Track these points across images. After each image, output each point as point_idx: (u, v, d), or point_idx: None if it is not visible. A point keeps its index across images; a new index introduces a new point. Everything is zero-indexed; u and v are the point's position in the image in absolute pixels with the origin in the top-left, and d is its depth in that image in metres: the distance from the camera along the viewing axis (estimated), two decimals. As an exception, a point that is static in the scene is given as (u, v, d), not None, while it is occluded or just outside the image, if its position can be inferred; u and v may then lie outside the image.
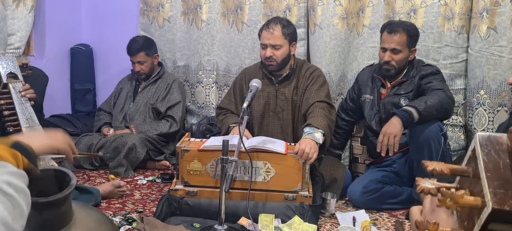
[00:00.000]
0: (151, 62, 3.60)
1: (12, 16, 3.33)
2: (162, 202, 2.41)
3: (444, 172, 0.66)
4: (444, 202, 0.62)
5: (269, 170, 2.41)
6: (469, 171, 0.67)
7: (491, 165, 0.62)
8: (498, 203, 0.58)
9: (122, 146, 3.20)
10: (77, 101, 4.10)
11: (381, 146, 2.51)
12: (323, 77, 2.86)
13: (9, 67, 2.56)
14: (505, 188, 0.59)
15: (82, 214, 1.29)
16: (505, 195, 0.58)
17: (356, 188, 2.76)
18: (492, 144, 0.64)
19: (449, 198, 0.62)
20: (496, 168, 0.61)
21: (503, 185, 0.59)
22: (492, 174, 0.61)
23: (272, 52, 2.73)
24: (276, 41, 2.72)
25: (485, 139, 0.65)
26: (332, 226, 2.49)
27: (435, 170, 0.66)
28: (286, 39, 2.74)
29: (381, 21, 3.23)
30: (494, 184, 0.59)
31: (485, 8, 3.02)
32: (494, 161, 0.62)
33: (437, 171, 0.66)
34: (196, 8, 3.71)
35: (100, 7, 4.09)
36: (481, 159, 0.63)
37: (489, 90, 3.08)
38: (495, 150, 0.63)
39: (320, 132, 2.50)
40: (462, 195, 0.62)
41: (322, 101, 2.70)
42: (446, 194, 0.62)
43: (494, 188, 0.59)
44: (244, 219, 2.29)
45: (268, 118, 2.87)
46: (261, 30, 2.80)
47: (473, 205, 0.61)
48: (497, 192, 0.59)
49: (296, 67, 2.84)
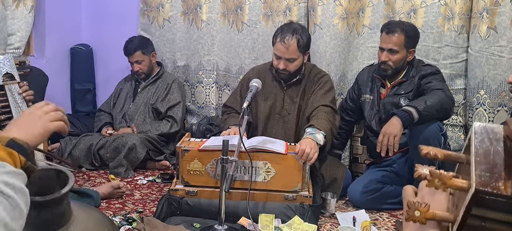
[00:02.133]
0: (148, 60, 3.60)
1: (12, 16, 3.33)
2: (162, 202, 2.41)
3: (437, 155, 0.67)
4: (432, 182, 0.64)
5: (269, 170, 2.41)
6: (463, 158, 0.68)
7: (482, 151, 0.63)
8: (481, 184, 0.58)
9: (122, 146, 3.20)
10: (77, 101, 4.10)
11: (381, 146, 2.51)
12: (331, 83, 2.84)
13: (5, 68, 2.44)
14: (491, 171, 0.60)
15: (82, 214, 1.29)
16: (490, 178, 0.59)
17: (356, 188, 2.76)
18: (487, 132, 0.65)
19: (437, 178, 0.63)
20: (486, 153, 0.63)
21: (489, 169, 0.60)
22: (481, 159, 0.62)
23: (285, 65, 2.69)
24: (291, 55, 2.66)
25: (481, 128, 0.66)
26: (332, 226, 2.49)
27: (429, 153, 0.67)
28: (301, 51, 2.68)
29: (381, 21, 3.23)
30: (481, 168, 0.61)
31: (485, 8, 3.02)
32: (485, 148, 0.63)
33: (431, 155, 0.67)
34: (196, 8, 3.71)
35: (100, 7, 4.09)
36: (473, 145, 0.64)
37: (489, 90, 3.08)
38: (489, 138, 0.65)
39: (321, 134, 2.49)
40: (451, 176, 0.63)
41: (326, 106, 2.68)
42: (434, 175, 0.63)
43: (480, 171, 0.60)
44: (244, 219, 2.29)
45: (273, 121, 2.85)
46: (275, 37, 2.71)
47: (460, 187, 0.62)
48: (482, 174, 0.60)
49: (305, 72, 2.83)
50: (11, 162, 0.89)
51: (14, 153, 0.91)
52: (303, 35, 2.69)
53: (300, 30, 2.69)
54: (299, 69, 2.76)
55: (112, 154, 3.22)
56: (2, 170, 0.86)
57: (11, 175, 0.87)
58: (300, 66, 2.75)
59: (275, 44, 2.70)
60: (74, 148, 3.29)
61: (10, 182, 0.85)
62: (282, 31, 2.69)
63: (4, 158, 0.89)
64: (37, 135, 1.01)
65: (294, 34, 2.65)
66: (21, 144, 0.94)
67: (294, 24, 2.77)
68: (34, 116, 1.05)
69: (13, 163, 0.90)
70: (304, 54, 2.74)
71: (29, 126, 1.02)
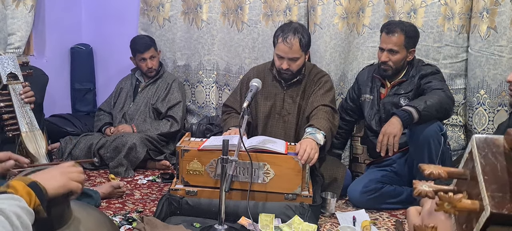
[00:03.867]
0: (158, 57, 3.65)
1: (12, 16, 3.33)
2: (162, 202, 2.40)
3: (441, 175, 0.65)
4: (442, 206, 0.62)
5: (268, 172, 2.40)
6: (467, 174, 0.67)
7: (489, 168, 0.61)
8: (496, 207, 0.57)
9: (122, 146, 3.20)
10: (77, 101, 4.10)
11: (380, 145, 2.51)
12: (331, 83, 2.84)
13: (10, 67, 2.45)
14: (503, 191, 0.59)
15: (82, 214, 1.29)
16: (503, 198, 0.58)
17: (356, 187, 2.76)
18: (489, 146, 0.64)
19: (447, 202, 0.62)
20: (494, 170, 0.61)
21: (500, 188, 0.59)
22: (490, 177, 0.60)
23: (289, 64, 2.69)
24: (293, 54, 2.66)
25: (482, 141, 0.64)
26: (332, 226, 2.49)
27: (432, 173, 0.66)
28: (303, 50, 2.69)
29: (381, 21, 3.23)
30: (492, 188, 0.59)
31: (485, 8, 3.02)
32: (491, 164, 0.62)
33: (435, 175, 0.66)
34: (196, 8, 3.71)
35: (100, 7, 4.09)
36: (478, 161, 0.62)
37: (489, 90, 3.08)
38: (492, 152, 0.63)
39: (321, 133, 2.49)
40: (460, 199, 0.61)
41: (326, 106, 2.68)
42: (444, 198, 0.62)
43: (492, 192, 0.59)
44: (244, 219, 2.29)
45: (273, 120, 2.85)
46: (277, 38, 2.71)
47: (471, 209, 0.61)
48: (495, 195, 0.58)
49: (305, 72, 2.83)
50: (27, 200, 1.01)
51: (32, 194, 1.03)
52: (304, 34, 2.70)
53: (301, 29, 2.70)
54: (301, 69, 2.76)
55: (112, 154, 3.22)
56: (18, 203, 0.97)
57: (23, 211, 0.97)
58: (302, 66, 2.75)
59: (277, 44, 2.70)
60: (74, 148, 3.29)
61: (21, 216, 0.96)
62: (283, 31, 2.69)
63: (22, 195, 1.00)
64: (57, 187, 1.12)
65: (296, 33, 2.65)
66: (41, 188, 1.06)
67: (294, 24, 2.77)
68: (60, 170, 1.17)
69: (29, 201, 1.01)
70: (305, 53, 2.74)
71: (52, 177, 1.13)
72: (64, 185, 1.14)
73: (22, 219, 0.95)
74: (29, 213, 0.99)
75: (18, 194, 1.00)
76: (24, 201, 0.99)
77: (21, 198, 0.99)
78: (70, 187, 1.16)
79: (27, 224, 0.96)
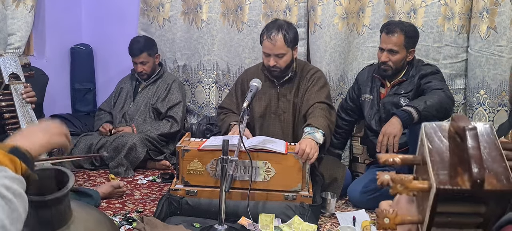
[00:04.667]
0: (153, 62, 3.62)
1: (12, 16, 3.32)
2: (162, 202, 2.41)
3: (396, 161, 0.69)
4: (395, 188, 0.66)
5: (269, 170, 2.41)
6: (419, 159, 0.71)
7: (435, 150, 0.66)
8: (441, 183, 0.61)
9: (122, 146, 3.20)
10: (77, 101, 4.10)
11: (380, 145, 2.51)
12: (324, 78, 2.86)
13: (11, 68, 2.45)
14: (447, 169, 0.63)
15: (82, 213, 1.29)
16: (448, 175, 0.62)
17: (356, 187, 2.76)
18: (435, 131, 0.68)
19: (399, 184, 0.66)
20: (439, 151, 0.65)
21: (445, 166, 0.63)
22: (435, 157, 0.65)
23: (275, 61, 2.71)
24: (279, 50, 2.68)
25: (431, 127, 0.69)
26: (332, 226, 2.49)
27: (387, 160, 0.69)
28: (289, 46, 2.70)
29: (381, 21, 3.23)
30: (438, 166, 0.63)
31: (485, 8, 3.02)
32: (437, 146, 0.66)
33: (390, 162, 0.70)
34: (196, 8, 3.71)
35: (100, 7, 4.09)
36: (426, 145, 0.67)
37: (489, 90, 3.08)
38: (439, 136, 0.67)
39: (320, 132, 2.50)
40: (411, 180, 0.65)
41: (322, 102, 2.69)
42: (396, 180, 0.66)
43: (437, 170, 0.63)
44: (244, 219, 2.29)
45: (269, 120, 2.86)
46: (262, 36, 2.74)
47: (421, 189, 0.64)
48: (440, 173, 0.62)
49: (297, 69, 2.84)
50: (12, 168, 0.92)
51: (16, 160, 0.94)
52: (289, 30, 2.71)
53: (286, 26, 2.72)
54: (290, 65, 2.77)
55: (112, 154, 3.22)
56: (3, 174, 0.89)
57: (12, 180, 0.89)
58: (290, 62, 2.76)
59: (263, 42, 2.74)
60: (74, 148, 3.29)
61: (11, 186, 0.87)
62: (268, 28, 2.73)
63: (6, 164, 0.92)
64: (40, 145, 1.04)
65: (280, 30, 2.68)
66: (23, 151, 0.97)
67: (279, 21, 2.80)
68: (39, 128, 1.09)
69: (14, 169, 0.93)
70: (293, 49, 2.75)
71: (33, 136, 1.05)
72: (48, 141, 1.07)
73: (12, 189, 0.87)
74: (18, 181, 0.91)
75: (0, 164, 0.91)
76: (10, 170, 0.91)
77: (5, 168, 0.91)
78: (54, 142, 1.09)
79: (19, 193, 0.89)
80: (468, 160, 0.60)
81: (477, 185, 0.59)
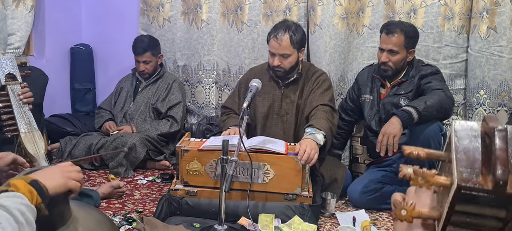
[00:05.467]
0: (155, 62, 3.63)
1: (12, 16, 3.32)
2: (162, 202, 2.40)
3: (420, 155, 0.69)
4: (416, 180, 0.65)
5: (268, 172, 2.40)
6: (445, 156, 0.69)
7: (462, 148, 0.64)
8: (463, 180, 0.60)
9: (122, 146, 3.20)
10: (77, 101, 4.10)
11: (380, 146, 2.51)
12: (329, 82, 2.85)
13: (8, 68, 2.44)
14: (471, 167, 0.62)
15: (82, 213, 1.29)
16: (471, 173, 0.61)
17: (356, 188, 2.76)
18: (465, 129, 0.67)
19: (421, 177, 0.65)
20: (466, 150, 0.64)
21: (470, 164, 0.62)
22: (461, 155, 0.63)
23: (280, 61, 2.70)
24: (284, 51, 2.68)
25: (461, 126, 0.68)
26: (332, 226, 2.49)
27: (412, 153, 0.69)
28: (295, 47, 2.70)
29: (381, 21, 3.23)
30: (462, 164, 0.62)
31: (485, 8, 3.02)
32: (465, 145, 0.65)
33: (414, 155, 0.69)
34: (196, 8, 3.71)
35: (100, 7, 4.09)
36: (454, 143, 0.65)
37: (489, 90, 3.08)
38: (468, 135, 0.66)
39: (321, 133, 2.49)
40: (433, 174, 0.64)
41: (325, 105, 2.68)
42: (418, 173, 0.65)
43: (461, 167, 0.62)
44: (244, 219, 2.29)
45: (271, 120, 2.86)
46: (269, 35, 2.74)
47: (443, 184, 0.63)
48: (463, 170, 0.61)
49: (303, 71, 2.83)
50: (29, 198, 1.03)
51: (34, 192, 1.05)
52: (297, 31, 2.71)
53: (293, 27, 2.72)
54: (295, 67, 2.77)
55: (112, 154, 3.21)
56: (21, 201, 1.00)
57: (27, 208, 1.00)
58: (295, 64, 2.75)
59: (269, 41, 2.74)
60: (74, 148, 3.29)
61: (25, 213, 0.98)
62: (275, 28, 2.74)
63: (24, 193, 1.03)
64: (57, 186, 1.14)
65: (287, 30, 2.68)
66: (41, 186, 1.08)
67: (287, 22, 2.80)
68: (58, 170, 1.20)
69: (30, 199, 1.04)
70: (299, 51, 2.75)
71: (52, 175, 1.16)
72: (64, 184, 1.17)
73: (26, 216, 0.98)
74: (32, 210, 1.01)
75: (19, 192, 1.02)
76: (27, 199, 1.02)
77: (24, 196, 1.02)
78: (69, 186, 1.18)
79: (31, 221, 0.99)
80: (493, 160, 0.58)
81: (500, 187, 0.58)
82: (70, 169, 1.22)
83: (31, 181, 1.07)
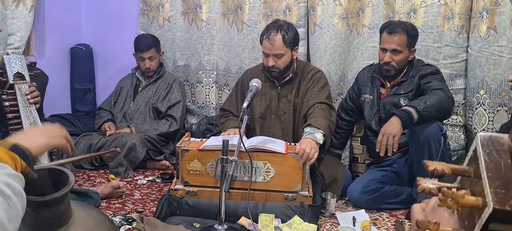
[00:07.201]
0: (158, 59, 3.64)
1: (12, 16, 3.32)
2: (162, 202, 2.40)
3: (445, 171, 0.66)
4: (445, 202, 0.62)
5: (269, 170, 2.40)
6: (470, 171, 0.67)
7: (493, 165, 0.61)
8: (499, 203, 0.57)
9: (122, 146, 3.20)
10: (77, 101, 4.10)
11: (380, 145, 2.51)
12: (325, 79, 2.86)
13: (17, 67, 2.43)
14: (506, 188, 0.59)
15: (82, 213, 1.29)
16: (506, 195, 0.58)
17: (356, 188, 2.76)
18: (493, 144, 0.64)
19: (450, 197, 0.62)
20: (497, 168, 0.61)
21: (504, 185, 0.59)
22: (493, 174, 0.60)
23: (274, 61, 2.71)
24: (277, 50, 2.69)
25: (487, 139, 0.65)
26: (332, 226, 2.49)
27: (436, 169, 0.66)
28: (288, 47, 2.70)
29: (381, 21, 3.23)
30: (495, 184, 0.59)
31: (485, 8, 3.02)
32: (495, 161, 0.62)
33: (439, 171, 0.66)
34: (196, 8, 3.71)
35: (100, 7, 4.09)
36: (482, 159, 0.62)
37: (489, 90, 3.08)
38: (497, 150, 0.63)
39: (320, 132, 2.50)
40: (463, 195, 0.61)
41: (322, 103, 2.69)
42: (447, 194, 0.62)
43: (495, 188, 0.59)
44: (244, 219, 2.29)
45: (269, 121, 2.86)
46: (262, 36, 2.76)
47: (474, 205, 0.61)
48: (498, 192, 0.58)
49: (298, 70, 2.84)
50: (12, 165, 0.93)
51: (16, 157, 0.96)
52: (289, 30, 2.72)
53: (285, 26, 2.73)
54: (289, 66, 2.77)
55: (112, 154, 3.21)
56: (4, 171, 0.89)
57: (11, 177, 0.89)
58: (290, 63, 2.76)
59: (262, 42, 2.75)
60: (73, 148, 3.28)
61: (10, 183, 0.88)
62: (268, 29, 2.74)
63: (6, 161, 0.93)
64: (40, 145, 1.07)
65: (279, 30, 2.69)
66: (23, 149, 0.99)
67: (279, 21, 2.81)
68: (39, 130, 1.13)
69: (14, 166, 0.94)
70: (293, 50, 2.75)
71: (33, 136, 1.08)
72: (47, 143, 1.10)
73: (12, 186, 0.88)
74: (18, 178, 0.91)
75: (1, 161, 0.92)
76: (10, 167, 0.92)
77: (6, 165, 0.92)
78: (53, 144, 1.12)
79: (18, 190, 0.89)
80: None
81: None
82: (51, 127, 1.16)
83: (11, 146, 0.97)
